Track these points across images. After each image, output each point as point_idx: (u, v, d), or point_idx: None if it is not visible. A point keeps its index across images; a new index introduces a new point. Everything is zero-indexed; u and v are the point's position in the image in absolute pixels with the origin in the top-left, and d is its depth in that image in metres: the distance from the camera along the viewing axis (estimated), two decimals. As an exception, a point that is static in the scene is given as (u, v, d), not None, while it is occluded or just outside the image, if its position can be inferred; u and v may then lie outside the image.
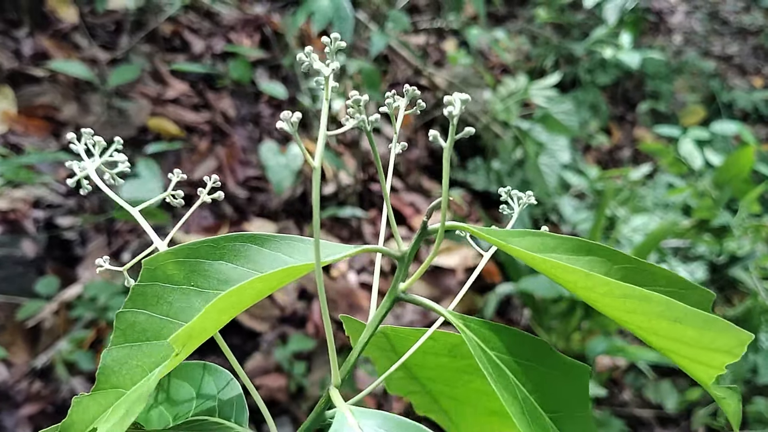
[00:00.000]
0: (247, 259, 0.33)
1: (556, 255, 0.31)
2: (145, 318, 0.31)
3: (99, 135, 1.43)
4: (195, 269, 0.32)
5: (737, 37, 3.67)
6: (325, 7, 1.48)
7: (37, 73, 1.68)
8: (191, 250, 0.32)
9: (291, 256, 0.33)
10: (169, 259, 0.32)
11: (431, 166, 2.30)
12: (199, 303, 0.32)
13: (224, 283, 0.32)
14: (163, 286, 0.32)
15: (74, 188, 1.34)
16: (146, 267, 0.31)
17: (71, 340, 1.37)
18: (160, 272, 0.32)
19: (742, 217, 1.83)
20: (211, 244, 0.33)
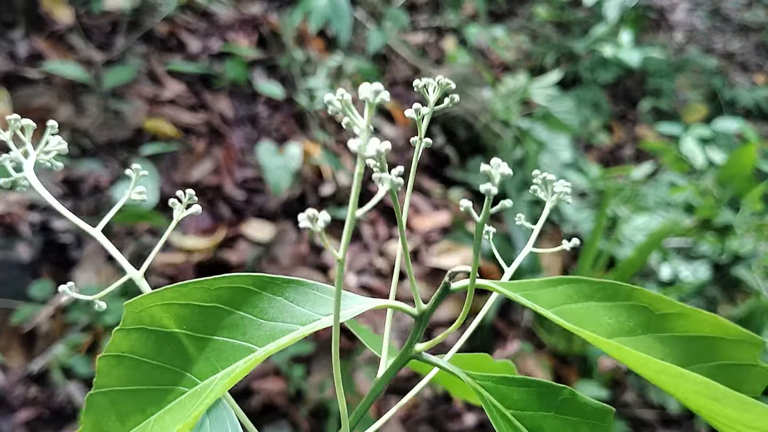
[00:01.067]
0: (246, 308, 0.31)
1: (594, 303, 0.30)
2: (131, 361, 0.29)
3: (95, 136, 1.42)
4: (185, 315, 0.30)
5: (739, 34, 3.65)
6: (323, 5, 1.47)
7: (32, 74, 1.67)
8: (180, 293, 0.30)
9: (299, 305, 0.31)
10: (155, 302, 0.30)
11: (431, 165, 2.28)
12: (192, 349, 0.30)
13: (222, 329, 0.30)
14: (151, 330, 0.30)
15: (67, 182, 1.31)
16: (129, 308, 0.29)
17: (67, 344, 1.36)
18: (146, 315, 0.30)
19: (745, 216, 1.81)
20: (205, 287, 0.30)
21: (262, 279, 0.31)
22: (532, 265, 1.70)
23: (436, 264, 1.88)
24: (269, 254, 1.70)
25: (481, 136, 2.29)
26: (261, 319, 0.30)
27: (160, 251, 1.61)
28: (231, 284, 0.30)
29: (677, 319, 0.29)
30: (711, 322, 0.28)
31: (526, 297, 0.31)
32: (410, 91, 2.46)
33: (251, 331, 0.30)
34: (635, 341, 0.29)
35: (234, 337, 0.30)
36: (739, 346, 0.28)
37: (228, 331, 0.30)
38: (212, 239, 1.65)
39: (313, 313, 0.31)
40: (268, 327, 0.30)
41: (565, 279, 0.31)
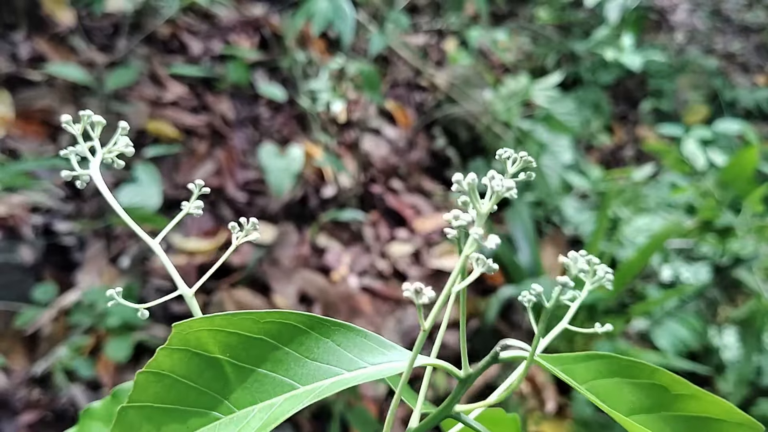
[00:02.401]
0: (293, 345, 0.31)
1: (620, 380, 0.32)
2: (169, 380, 0.29)
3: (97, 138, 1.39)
4: (231, 343, 0.30)
5: (740, 35, 3.65)
6: (325, 8, 1.47)
7: (34, 76, 1.67)
8: (229, 321, 0.30)
9: (346, 350, 0.31)
10: (204, 326, 0.30)
11: (432, 167, 2.28)
12: (233, 377, 0.30)
13: (266, 362, 0.30)
14: (196, 353, 0.30)
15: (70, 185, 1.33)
16: (178, 328, 0.30)
17: (70, 346, 1.36)
18: (192, 338, 0.30)
19: (746, 218, 1.81)
20: (254, 318, 0.30)
21: (311, 318, 0.31)
22: (534, 267, 1.71)
23: (437, 266, 1.88)
24: (271, 256, 1.70)
25: (482, 137, 2.30)
26: (306, 358, 0.30)
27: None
28: (280, 319, 0.30)
29: (690, 401, 0.31)
30: (720, 405, 0.31)
31: (564, 371, 0.32)
32: (411, 92, 2.47)
33: (295, 368, 0.30)
34: (650, 419, 0.31)
35: (277, 372, 0.30)
36: (740, 428, 0.31)
37: (272, 364, 0.30)
38: (214, 241, 1.66)
39: (359, 360, 0.31)
40: (312, 367, 0.30)
41: (597, 355, 0.33)
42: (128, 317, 1.36)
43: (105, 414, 0.43)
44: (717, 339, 1.73)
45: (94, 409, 0.43)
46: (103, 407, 0.43)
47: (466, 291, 0.33)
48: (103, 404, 0.43)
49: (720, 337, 1.73)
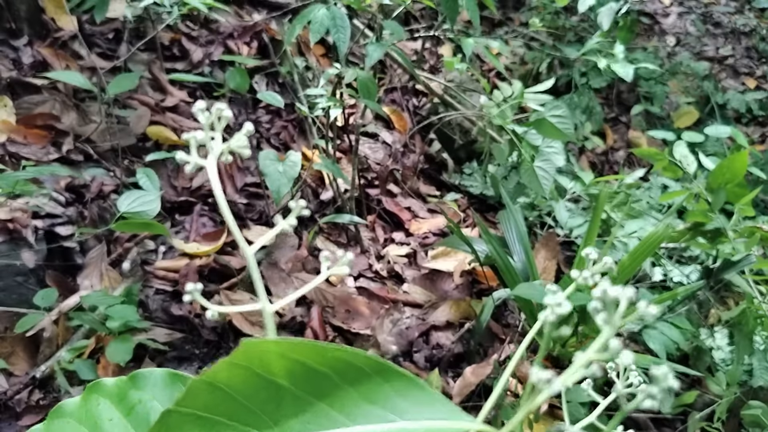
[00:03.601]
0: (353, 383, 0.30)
1: None
2: (223, 393, 0.29)
3: (98, 143, 1.45)
4: (295, 370, 0.30)
5: (730, 39, 3.69)
6: (322, 16, 1.49)
7: (36, 82, 1.68)
8: (297, 349, 0.30)
9: (403, 398, 0.30)
10: (272, 348, 0.29)
11: (428, 170, 2.31)
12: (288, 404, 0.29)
13: (325, 396, 0.30)
14: (257, 373, 0.29)
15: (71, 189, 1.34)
16: (247, 346, 0.29)
17: (71, 349, 1.37)
18: (257, 357, 0.29)
19: (737, 221, 1.84)
20: (320, 351, 0.30)
21: (377, 362, 0.30)
22: (527, 270, 1.73)
23: (433, 267, 1.91)
24: (269, 259, 1.72)
25: (476, 141, 2.32)
26: (364, 400, 0.30)
27: (162, 256, 1.63)
28: (347, 358, 0.30)
29: None
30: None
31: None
32: (407, 97, 2.49)
33: (352, 408, 0.29)
34: None
35: (333, 407, 0.29)
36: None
37: (330, 400, 0.30)
38: (214, 244, 1.68)
39: (415, 412, 0.30)
40: (368, 410, 0.30)
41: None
42: (129, 320, 1.38)
43: (77, 412, 0.41)
44: (709, 341, 1.75)
45: (66, 406, 0.41)
46: (77, 405, 0.41)
47: (463, 293, 0.34)
48: (76, 402, 0.42)
49: (711, 339, 1.76)
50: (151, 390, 0.41)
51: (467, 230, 2.08)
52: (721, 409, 1.62)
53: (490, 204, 2.28)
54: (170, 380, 0.41)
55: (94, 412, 0.40)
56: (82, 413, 0.40)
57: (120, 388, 0.41)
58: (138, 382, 0.41)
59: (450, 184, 2.31)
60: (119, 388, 0.41)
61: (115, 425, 0.39)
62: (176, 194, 1.74)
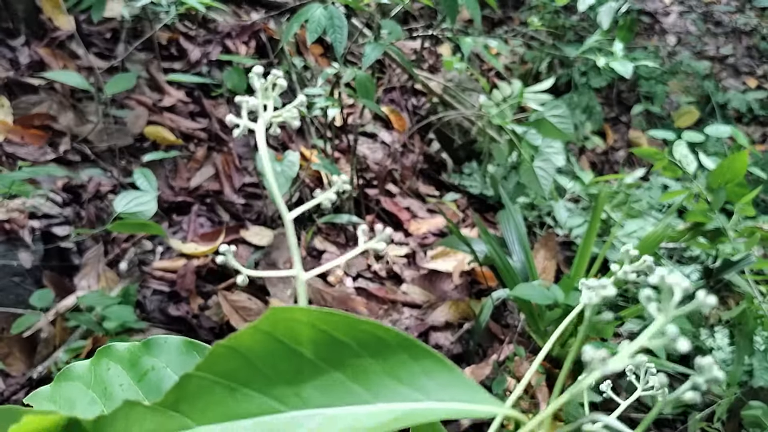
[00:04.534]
0: (378, 358, 0.29)
1: None
2: (244, 360, 0.28)
3: (96, 144, 1.44)
4: (319, 340, 0.29)
5: (731, 38, 3.68)
6: (319, 15, 1.48)
7: (33, 82, 1.68)
8: (325, 319, 0.28)
9: (432, 378, 0.29)
10: (298, 317, 0.28)
11: (427, 171, 2.30)
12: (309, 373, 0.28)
13: (347, 367, 0.28)
14: (281, 340, 0.28)
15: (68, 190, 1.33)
16: (274, 312, 0.28)
17: (68, 350, 1.37)
18: (282, 324, 0.28)
19: (737, 221, 1.83)
20: (351, 323, 0.28)
21: (406, 339, 0.29)
22: (526, 270, 1.72)
23: (432, 267, 1.90)
24: (268, 259, 1.72)
25: (476, 141, 2.32)
26: (390, 376, 0.29)
27: (159, 256, 1.63)
28: (373, 330, 0.29)
29: None
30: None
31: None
32: (406, 97, 2.48)
33: (375, 383, 0.28)
34: None
35: (354, 381, 0.28)
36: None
37: (354, 373, 0.28)
38: (211, 244, 1.67)
39: (443, 393, 0.29)
40: (392, 386, 0.29)
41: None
42: (126, 320, 1.37)
43: (86, 375, 0.40)
44: (709, 341, 1.75)
45: (75, 369, 0.40)
46: (86, 368, 0.40)
47: (462, 293, 0.34)
48: (85, 366, 0.40)
49: (712, 339, 1.75)
50: (165, 357, 0.39)
51: (466, 230, 2.07)
52: (721, 409, 1.61)
53: (489, 204, 2.28)
54: (185, 348, 0.39)
55: (104, 376, 0.38)
56: (90, 377, 0.39)
57: (132, 354, 0.40)
58: (152, 348, 0.40)
59: (449, 184, 2.30)
60: (131, 354, 0.40)
61: (125, 391, 0.38)
62: (174, 194, 1.73)
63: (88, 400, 0.40)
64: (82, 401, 0.39)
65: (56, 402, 0.39)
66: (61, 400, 0.39)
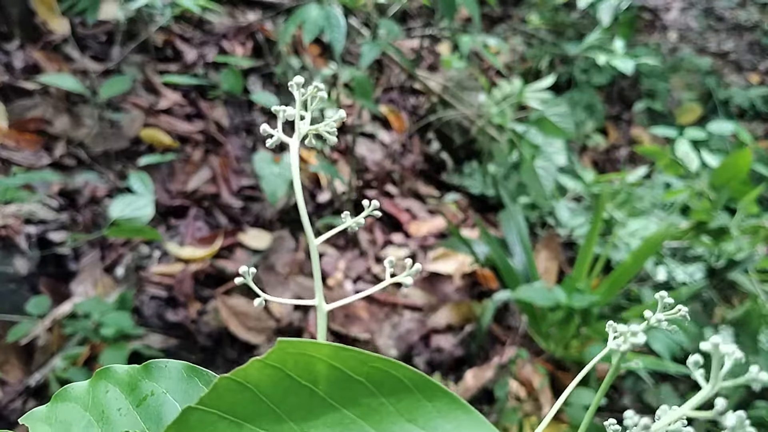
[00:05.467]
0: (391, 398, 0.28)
1: None
2: (250, 395, 0.27)
3: (91, 147, 1.43)
4: (329, 376, 0.28)
5: (733, 34, 3.66)
6: (316, 16, 1.47)
7: (28, 86, 1.66)
8: (336, 354, 0.27)
9: (445, 420, 0.28)
10: (309, 351, 0.27)
11: (427, 171, 2.28)
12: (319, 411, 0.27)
13: (358, 406, 0.27)
14: (290, 375, 0.27)
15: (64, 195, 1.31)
16: (283, 346, 0.27)
17: (65, 357, 1.36)
18: (291, 359, 0.27)
19: (740, 219, 1.81)
20: (362, 359, 0.27)
21: (420, 377, 0.28)
22: (527, 271, 1.71)
23: (432, 269, 1.89)
24: (266, 262, 1.70)
25: (476, 140, 2.30)
26: (401, 414, 0.28)
27: (157, 261, 1.61)
28: (387, 368, 0.28)
29: None
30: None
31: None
32: (405, 96, 2.47)
33: (387, 423, 0.27)
34: None
35: (366, 420, 0.27)
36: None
37: (363, 411, 0.27)
38: (209, 248, 1.66)
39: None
40: (405, 427, 0.28)
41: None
42: (123, 327, 1.36)
43: (84, 397, 0.38)
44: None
45: (72, 390, 0.38)
46: (84, 390, 0.38)
47: (463, 295, 0.32)
48: (83, 387, 0.38)
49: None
50: (165, 382, 0.37)
51: (467, 231, 2.05)
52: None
53: (490, 204, 2.26)
54: (186, 373, 0.38)
55: (102, 399, 0.37)
56: (88, 399, 0.37)
57: (131, 377, 0.38)
58: (152, 372, 0.38)
59: (449, 184, 2.29)
60: (131, 377, 0.38)
61: (123, 416, 0.36)
62: (171, 198, 1.72)
63: (84, 423, 0.38)
64: (78, 424, 0.38)
65: (51, 424, 0.38)
66: (57, 423, 0.38)
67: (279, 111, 0.36)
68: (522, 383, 1.61)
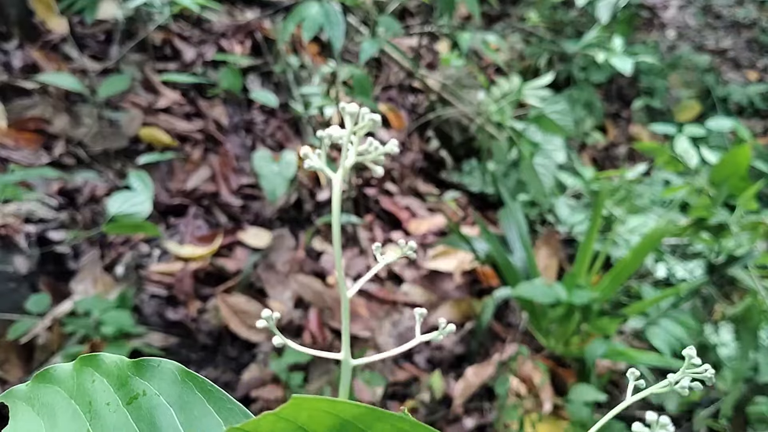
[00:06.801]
0: None
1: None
2: None
3: (90, 146, 1.43)
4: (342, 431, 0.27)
5: (731, 31, 3.66)
6: (315, 13, 1.47)
7: (27, 85, 1.66)
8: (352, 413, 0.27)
9: None
10: (323, 408, 0.27)
11: (426, 169, 2.28)
12: None
13: None
14: (299, 426, 0.27)
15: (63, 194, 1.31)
16: (297, 401, 0.26)
17: (65, 355, 1.36)
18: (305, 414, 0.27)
19: (740, 215, 1.81)
20: (378, 416, 0.27)
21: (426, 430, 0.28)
22: (527, 268, 1.71)
23: (432, 267, 1.88)
24: (266, 261, 1.70)
25: (475, 138, 2.30)
26: None
27: (156, 260, 1.61)
28: (399, 424, 0.27)
29: None
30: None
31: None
32: (404, 94, 2.47)
33: None
34: None
35: None
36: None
37: None
38: (209, 247, 1.66)
39: None
40: None
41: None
42: (123, 325, 1.36)
43: (68, 382, 0.36)
44: (713, 337, 1.73)
45: (55, 372, 0.36)
46: (68, 374, 0.36)
47: (464, 293, 0.32)
48: (67, 371, 0.36)
49: (716, 335, 1.74)
50: (158, 383, 0.35)
51: (467, 228, 2.05)
52: (726, 405, 1.60)
53: (490, 202, 2.26)
54: (181, 377, 0.35)
55: (88, 388, 0.34)
56: (73, 385, 0.35)
57: (121, 370, 0.36)
58: (143, 370, 0.36)
59: (449, 182, 2.29)
60: (120, 370, 0.36)
61: (113, 412, 0.34)
62: (170, 197, 1.71)
63: (71, 413, 0.36)
64: (64, 412, 0.36)
65: (34, 405, 0.36)
66: (40, 405, 0.35)
67: (325, 137, 0.33)
68: (522, 380, 1.61)
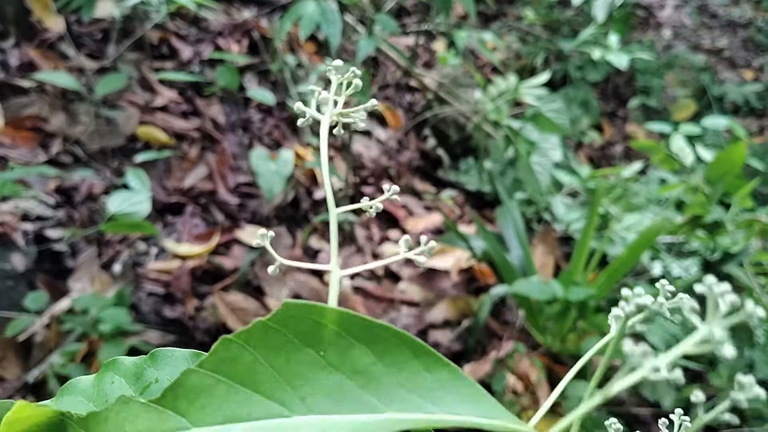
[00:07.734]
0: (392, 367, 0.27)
1: None
2: (251, 359, 0.26)
3: (88, 145, 1.43)
4: (334, 343, 0.27)
5: (727, 31, 3.67)
6: (312, 11, 1.47)
7: (24, 84, 1.66)
8: (342, 321, 0.27)
9: (444, 391, 0.27)
10: (319, 316, 0.27)
11: (423, 167, 2.29)
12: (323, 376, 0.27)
13: (358, 375, 0.27)
14: (291, 340, 0.26)
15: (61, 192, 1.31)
16: (287, 307, 0.26)
17: (63, 353, 1.36)
18: (293, 322, 0.26)
19: (735, 213, 1.82)
20: (365, 325, 0.27)
21: (422, 348, 0.28)
22: (524, 266, 1.71)
23: (429, 265, 1.89)
24: (263, 259, 1.71)
25: (472, 137, 2.30)
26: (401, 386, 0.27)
27: (154, 258, 1.61)
28: (389, 336, 0.27)
29: None
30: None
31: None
32: (401, 93, 2.47)
33: (385, 391, 0.27)
34: None
35: (367, 390, 0.27)
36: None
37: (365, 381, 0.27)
38: (206, 245, 1.66)
39: (456, 405, 0.27)
40: (403, 395, 0.27)
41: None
42: (121, 323, 1.36)
43: (90, 390, 0.38)
44: (708, 333, 1.74)
45: (79, 384, 0.38)
46: (91, 383, 0.38)
47: (460, 291, 0.33)
48: (90, 380, 0.38)
49: (711, 332, 1.74)
50: (170, 370, 0.37)
51: (464, 227, 2.06)
52: (722, 402, 1.61)
53: (486, 200, 2.26)
54: (192, 360, 0.37)
55: (107, 390, 0.36)
56: (94, 392, 0.37)
57: (138, 366, 0.38)
58: (157, 360, 0.38)
59: (446, 180, 2.29)
60: (137, 367, 0.38)
61: None
62: (167, 195, 1.72)
63: (85, 412, 0.38)
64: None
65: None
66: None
67: (314, 90, 0.38)
68: (519, 377, 1.61)
